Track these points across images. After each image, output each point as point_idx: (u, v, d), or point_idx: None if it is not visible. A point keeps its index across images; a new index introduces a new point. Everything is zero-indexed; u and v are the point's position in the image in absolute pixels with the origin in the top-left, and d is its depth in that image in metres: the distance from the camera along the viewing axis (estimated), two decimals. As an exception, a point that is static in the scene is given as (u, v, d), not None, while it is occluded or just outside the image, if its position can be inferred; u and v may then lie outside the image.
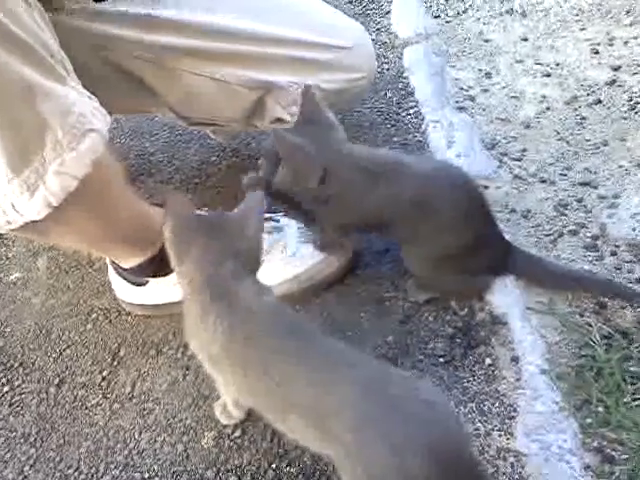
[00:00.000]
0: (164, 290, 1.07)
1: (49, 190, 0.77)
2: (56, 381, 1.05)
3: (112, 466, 0.93)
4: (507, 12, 1.76)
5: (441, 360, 0.96)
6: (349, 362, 0.73)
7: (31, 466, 0.95)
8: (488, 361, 0.95)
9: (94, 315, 1.14)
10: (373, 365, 0.75)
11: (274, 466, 0.89)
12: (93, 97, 0.82)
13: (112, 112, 0.86)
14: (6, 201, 0.77)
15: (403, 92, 1.53)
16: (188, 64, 1.09)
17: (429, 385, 0.82)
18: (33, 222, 0.80)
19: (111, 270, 1.11)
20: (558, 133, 1.35)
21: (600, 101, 1.40)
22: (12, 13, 0.70)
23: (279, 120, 1.15)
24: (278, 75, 1.11)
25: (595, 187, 1.20)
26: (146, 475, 0.91)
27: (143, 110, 1.26)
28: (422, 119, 1.42)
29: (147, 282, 1.07)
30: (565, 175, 1.24)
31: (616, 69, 1.47)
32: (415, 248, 1.02)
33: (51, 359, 1.09)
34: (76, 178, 0.79)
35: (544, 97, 1.45)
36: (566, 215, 1.15)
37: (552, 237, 1.11)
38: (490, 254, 1.00)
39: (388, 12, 1.84)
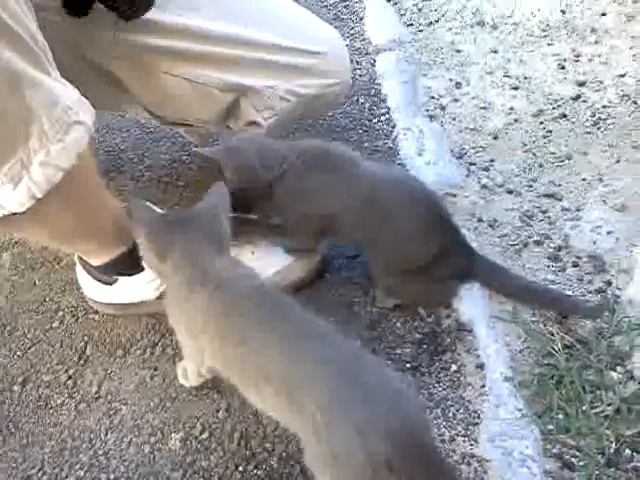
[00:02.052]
0: (133, 289, 1.06)
1: (33, 181, 0.76)
2: (20, 379, 1.04)
3: (77, 467, 0.92)
4: (478, 24, 1.80)
5: (408, 366, 0.98)
6: (325, 339, 0.76)
7: (-7, 466, 0.94)
8: (454, 367, 0.97)
9: (60, 313, 1.13)
10: (348, 346, 0.77)
11: (241, 468, 0.89)
12: (76, 89, 0.81)
13: None
14: None
15: (375, 98, 1.55)
16: (165, 65, 1.08)
17: (398, 374, 0.85)
18: (10, 215, 0.79)
19: (79, 267, 1.10)
20: (525, 145, 1.39)
21: (565, 115, 1.45)
22: (1, 1, 0.69)
23: (253, 123, 1.16)
24: (254, 79, 1.12)
25: (559, 199, 1.24)
26: (112, 476, 0.91)
27: (116, 108, 1.25)
28: (393, 126, 1.44)
29: (116, 280, 1.06)
30: (531, 186, 1.28)
31: (581, 84, 1.52)
32: (377, 255, 1.04)
33: (15, 357, 1.07)
34: (61, 170, 0.78)
35: (512, 109, 1.49)
36: (531, 226, 1.19)
37: (517, 247, 1.15)
38: (453, 262, 1.02)
39: (362, 18, 1.86)
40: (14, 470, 0.93)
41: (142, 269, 1.02)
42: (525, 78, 1.58)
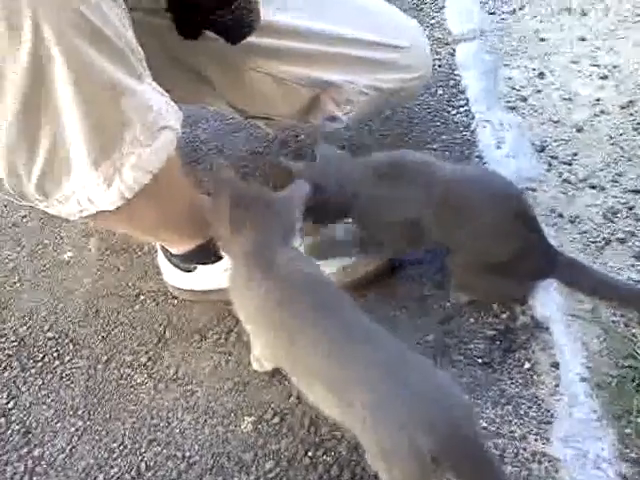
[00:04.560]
0: (211, 277, 1.10)
1: (125, 183, 0.80)
2: (104, 359, 1.10)
3: (155, 443, 0.97)
4: (565, 10, 1.72)
5: (479, 361, 0.97)
6: (373, 340, 0.77)
7: (79, 437, 1.00)
8: (527, 365, 0.95)
9: (142, 297, 1.18)
10: (396, 346, 0.77)
11: (310, 454, 0.91)
12: (165, 93, 0.84)
13: None
14: (83, 192, 0.80)
15: (454, 90, 1.52)
16: (250, 62, 1.11)
17: (445, 373, 0.85)
18: (102, 211, 0.84)
19: (160, 255, 1.15)
20: (611, 138, 1.32)
21: (658, 107, 1.37)
22: (100, 11, 0.72)
23: (333, 118, 1.17)
24: (335, 74, 1.12)
25: (647, 195, 1.18)
26: (187, 454, 0.95)
27: (199, 101, 1.29)
28: (472, 118, 1.41)
29: (195, 268, 1.10)
30: (616, 181, 1.22)
31: (676, 73, 1.43)
32: (458, 254, 1.02)
33: (99, 337, 1.13)
34: (150, 173, 0.82)
35: (599, 100, 1.42)
36: (615, 222, 1.13)
37: (599, 244, 1.10)
38: (533, 260, 0.99)
39: (442, 7, 1.82)
40: (98, 443, 0.99)
41: (220, 258, 1.06)
42: (614, 67, 1.50)
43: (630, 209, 1.15)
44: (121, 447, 0.98)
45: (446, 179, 1.00)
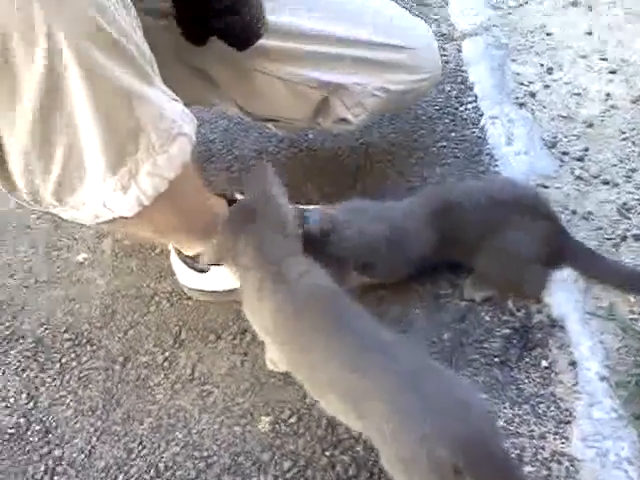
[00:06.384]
0: (225, 277, 1.09)
1: (141, 190, 0.81)
2: (121, 359, 1.10)
3: (173, 443, 0.98)
4: (571, 4, 1.72)
5: (496, 360, 0.97)
6: (389, 350, 0.77)
7: (98, 438, 1.00)
8: (544, 364, 0.95)
9: (157, 298, 1.18)
10: (412, 356, 0.78)
11: (328, 453, 0.92)
12: (179, 99, 0.84)
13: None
14: (98, 199, 0.80)
15: (462, 86, 1.52)
16: (258, 63, 1.10)
17: (465, 383, 0.85)
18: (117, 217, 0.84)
19: (174, 256, 1.15)
20: (623, 133, 1.32)
21: (669, 101, 1.37)
22: (114, 18, 0.72)
23: (343, 120, 1.17)
24: (345, 76, 1.12)
25: (662, 190, 1.18)
26: (205, 454, 0.95)
27: (207, 103, 1.28)
28: (481, 114, 1.41)
29: (209, 269, 1.11)
30: (629, 177, 1.22)
31: (686, 67, 1.43)
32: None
33: (116, 338, 1.14)
34: (166, 179, 0.82)
35: (609, 95, 1.42)
36: (630, 219, 1.13)
37: (614, 241, 1.10)
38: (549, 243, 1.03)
39: (447, 2, 1.81)
40: (117, 443, 0.99)
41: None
42: (623, 61, 1.50)
43: (644, 205, 1.16)
44: (140, 447, 0.98)
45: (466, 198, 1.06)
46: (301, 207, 1.09)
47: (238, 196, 1.13)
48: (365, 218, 1.05)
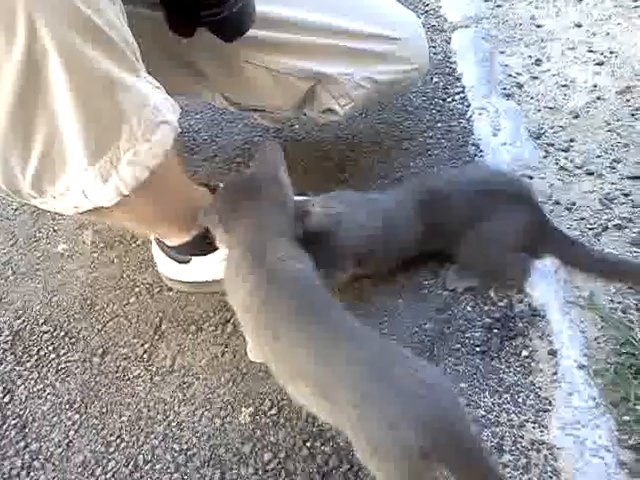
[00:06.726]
0: (206, 268, 1.09)
1: (121, 179, 0.79)
2: (100, 351, 1.09)
3: (152, 436, 0.97)
4: (561, -4, 1.71)
5: (477, 350, 0.97)
6: (356, 338, 0.76)
7: (75, 431, 0.99)
8: (525, 353, 0.95)
9: (137, 289, 1.17)
10: (379, 344, 0.77)
11: (308, 444, 0.91)
12: (161, 87, 0.83)
13: None
14: (78, 189, 0.79)
15: (450, 77, 1.51)
16: (245, 54, 1.09)
17: (432, 367, 0.85)
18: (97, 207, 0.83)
19: (155, 246, 1.14)
20: (608, 124, 1.32)
21: (655, 92, 1.36)
22: (97, 6, 0.71)
23: (329, 110, 1.16)
24: (331, 66, 1.11)
25: (644, 181, 1.17)
26: (184, 446, 0.94)
27: (192, 92, 1.27)
28: (468, 105, 1.41)
29: (190, 260, 1.10)
30: (613, 168, 1.21)
31: (673, 59, 1.43)
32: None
33: (95, 330, 1.12)
34: (148, 168, 0.81)
35: (595, 86, 1.42)
36: (612, 209, 1.13)
37: (596, 231, 1.09)
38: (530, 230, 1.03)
39: (437, -6, 1.81)
40: (95, 436, 0.98)
41: (215, 249, 1.05)
42: (611, 53, 1.50)
43: (627, 195, 1.15)
44: (118, 440, 0.97)
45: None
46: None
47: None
48: (362, 211, 1.04)
